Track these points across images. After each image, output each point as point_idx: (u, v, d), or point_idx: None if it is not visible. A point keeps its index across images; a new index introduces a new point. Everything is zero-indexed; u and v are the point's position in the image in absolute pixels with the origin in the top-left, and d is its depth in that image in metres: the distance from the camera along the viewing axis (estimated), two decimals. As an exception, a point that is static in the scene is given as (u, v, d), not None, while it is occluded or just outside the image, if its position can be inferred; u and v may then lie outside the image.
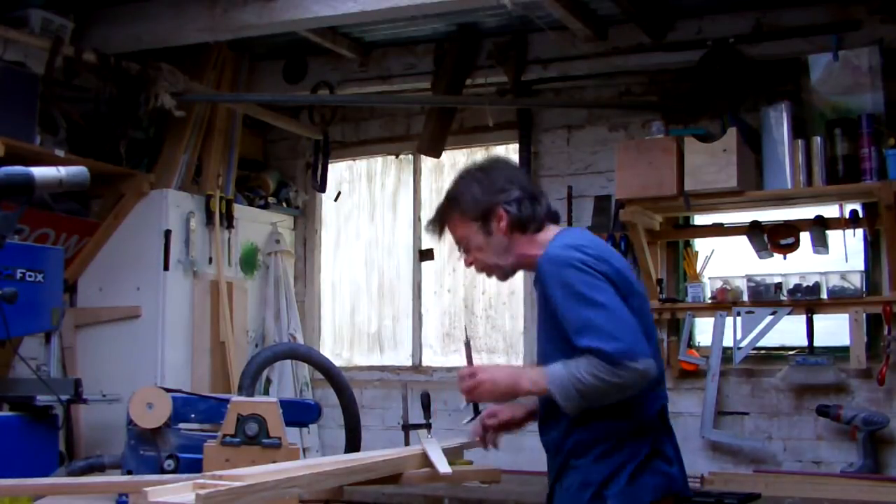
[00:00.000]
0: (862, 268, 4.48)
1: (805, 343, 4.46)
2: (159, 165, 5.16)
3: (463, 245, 2.64)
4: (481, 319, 5.49)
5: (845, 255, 4.42)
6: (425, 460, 2.66)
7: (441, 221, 2.66)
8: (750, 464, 4.56)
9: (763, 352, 4.64)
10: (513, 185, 2.58)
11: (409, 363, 5.59)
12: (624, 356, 2.27)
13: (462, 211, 2.59)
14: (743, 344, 4.51)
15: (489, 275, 2.66)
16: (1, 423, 4.03)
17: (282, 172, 5.89)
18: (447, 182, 5.59)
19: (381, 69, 5.32)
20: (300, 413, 3.63)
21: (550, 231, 2.59)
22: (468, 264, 2.65)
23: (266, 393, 5.18)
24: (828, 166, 4.24)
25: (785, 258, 4.55)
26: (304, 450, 4.85)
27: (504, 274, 2.67)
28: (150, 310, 4.91)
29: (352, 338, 5.86)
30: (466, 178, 2.64)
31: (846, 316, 4.37)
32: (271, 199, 5.73)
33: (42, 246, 4.56)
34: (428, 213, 5.64)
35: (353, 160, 5.91)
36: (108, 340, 4.95)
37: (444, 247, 5.59)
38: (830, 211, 4.49)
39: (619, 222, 4.73)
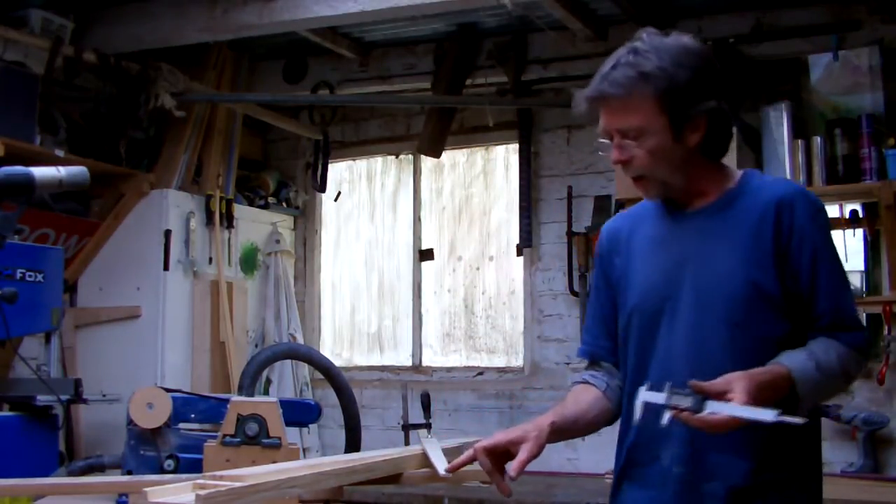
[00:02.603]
0: (862, 268, 4.47)
1: (805, 343, 4.46)
2: (159, 165, 5.16)
3: (630, 135, 1.88)
4: (481, 319, 5.49)
5: (845, 255, 4.42)
6: (425, 460, 2.66)
7: (625, 94, 1.86)
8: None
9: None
10: (722, 89, 1.91)
11: (409, 363, 5.59)
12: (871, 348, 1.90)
13: (658, 95, 1.84)
14: (743, 344, 4.51)
15: (637, 183, 1.96)
16: (1, 423, 4.03)
17: (282, 172, 5.89)
18: (447, 182, 5.68)
19: (381, 69, 5.33)
20: (300, 413, 3.63)
21: (724, 167, 1.98)
22: (618, 161, 1.92)
23: (266, 393, 5.18)
24: (828, 166, 4.24)
25: (785, 258, 4.55)
26: (304, 450, 4.85)
27: (661, 191, 1.96)
28: (150, 310, 4.91)
29: (352, 338, 5.86)
30: (672, 54, 1.86)
31: (846, 316, 4.37)
32: (271, 199, 5.74)
33: (42, 246, 4.55)
34: (427, 213, 5.65)
35: (353, 160, 5.91)
36: (108, 340, 4.95)
37: (444, 247, 5.61)
38: (830, 211, 4.45)
39: (619, 222, 4.72)
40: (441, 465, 2.48)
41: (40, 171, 2.25)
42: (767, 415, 1.58)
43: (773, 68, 4.61)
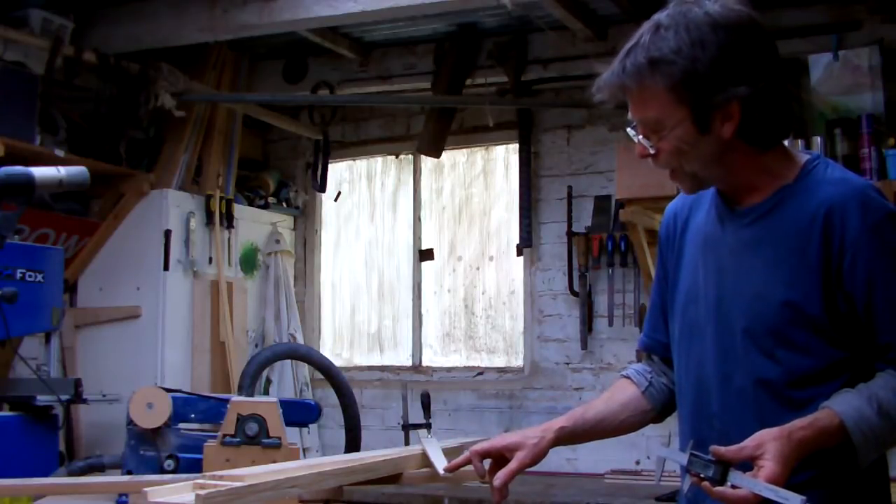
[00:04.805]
0: (862, 268, 4.47)
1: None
2: (159, 165, 5.16)
3: (649, 127, 1.63)
4: (481, 319, 5.49)
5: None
6: (425, 460, 2.66)
7: (636, 85, 1.60)
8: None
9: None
10: (761, 69, 1.59)
11: (409, 363, 5.59)
12: None
13: (672, 85, 1.57)
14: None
15: (672, 176, 1.69)
16: (1, 423, 4.03)
17: (282, 172, 5.89)
18: (447, 182, 5.68)
19: (381, 69, 5.33)
20: (300, 413, 3.63)
21: (787, 153, 1.68)
22: (644, 155, 1.66)
23: (266, 393, 5.18)
24: (828, 166, 4.24)
25: (785, 258, 4.55)
26: (304, 450, 4.85)
27: (697, 186, 1.70)
28: (150, 310, 4.91)
29: (352, 338, 5.86)
30: (692, 31, 1.56)
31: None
32: (271, 199, 5.74)
33: (42, 246, 4.56)
34: (427, 213, 5.65)
35: (353, 160, 5.91)
36: (108, 340, 4.95)
37: (444, 247, 5.61)
38: (830, 211, 4.48)
39: (619, 222, 4.73)
40: (441, 465, 2.48)
41: (40, 171, 2.25)
42: (791, 499, 1.39)
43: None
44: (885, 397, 1.50)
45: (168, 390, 3.25)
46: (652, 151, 1.65)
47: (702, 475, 1.46)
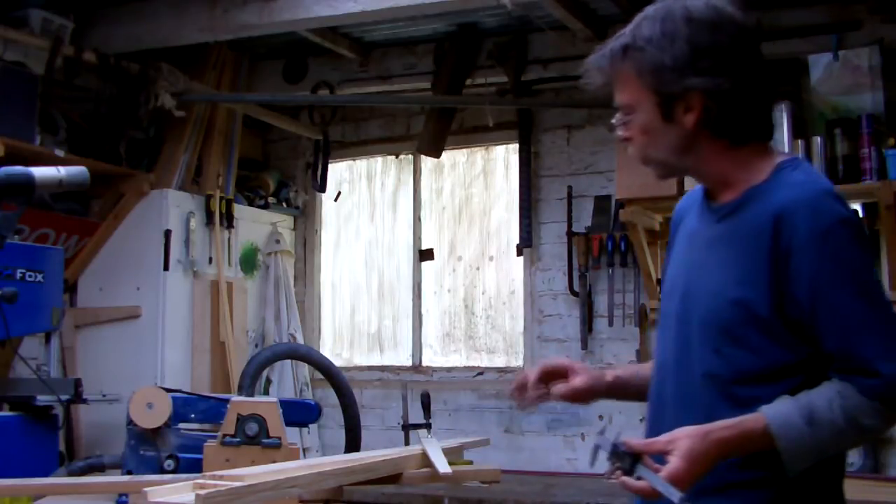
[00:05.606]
0: (862, 268, 4.47)
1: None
2: (159, 165, 5.16)
3: (625, 112, 1.73)
4: (481, 319, 5.49)
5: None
6: (425, 460, 2.67)
7: (610, 68, 1.72)
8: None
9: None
10: (731, 65, 1.63)
11: (409, 363, 5.59)
12: None
13: (641, 71, 1.67)
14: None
15: (645, 163, 1.78)
16: (1, 423, 4.03)
17: (282, 172, 5.89)
18: (447, 182, 5.69)
19: (381, 69, 5.33)
20: (300, 413, 3.63)
21: (767, 152, 1.70)
22: (621, 138, 1.77)
23: (266, 393, 5.18)
24: (828, 166, 4.23)
25: (785, 258, 4.54)
26: (304, 450, 4.85)
27: (666, 173, 1.79)
28: (150, 310, 4.91)
29: (352, 338, 5.86)
30: (667, 23, 1.66)
31: (846, 316, 4.36)
32: (271, 199, 5.74)
33: (42, 246, 4.56)
34: (427, 213, 5.65)
35: (353, 160, 5.91)
36: (108, 340, 4.95)
37: (444, 247, 5.61)
38: (830, 211, 4.48)
39: (619, 222, 4.73)
40: (441, 465, 2.48)
41: (40, 171, 2.25)
42: (674, 496, 1.47)
43: (773, 68, 4.60)
44: (819, 406, 1.52)
45: (168, 390, 3.26)
46: (626, 135, 1.74)
47: (617, 465, 1.54)
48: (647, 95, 1.67)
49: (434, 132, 5.16)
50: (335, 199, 5.93)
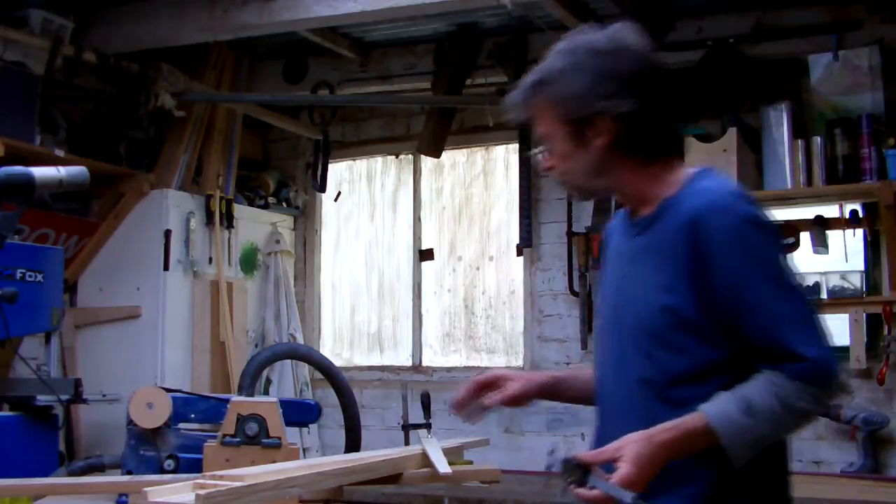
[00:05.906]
0: (862, 268, 4.47)
1: (805, 343, 4.45)
2: (159, 165, 5.16)
3: (544, 142, 1.87)
4: (481, 319, 5.49)
5: (845, 255, 4.42)
6: (425, 460, 2.67)
7: (525, 103, 1.87)
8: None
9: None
10: (634, 89, 1.75)
11: (409, 363, 5.59)
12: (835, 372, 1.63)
13: (552, 103, 1.81)
14: (743, 344, 4.51)
15: (568, 189, 1.95)
16: (1, 423, 4.03)
17: (282, 172, 5.89)
18: (447, 182, 5.68)
19: (381, 69, 5.33)
20: (300, 413, 3.63)
21: (677, 167, 1.81)
22: (545, 168, 1.89)
23: (266, 393, 5.18)
24: (828, 166, 4.24)
25: (785, 258, 4.55)
26: (304, 450, 4.86)
27: (586, 195, 1.97)
28: (150, 310, 4.91)
29: (352, 338, 5.86)
30: (572, 56, 1.82)
31: (846, 316, 4.37)
32: (271, 199, 5.74)
33: (42, 246, 4.56)
34: (427, 213, 5.65)
35: (353, 160, 5.91)
36: (108, 340, 4.95)
37: (444, 247, 5.61)
38: (830, 211, 4.49)
39: (618, 222, 4.73)
40: (441, 465, 2.48)
41: (40, 171, 2.25)
42: (626, 497, 1.52)
43: (773, 68, 4.61)
44: (754, 396, 1.58)
45: (168, 390, 3.25)
46: (548, 164, 1.87)
47: (570, 479, 1.59)
48: (559, 125, 1.80)
49: (434, 132, 5.16)
50: (335, 199, 5.93)
